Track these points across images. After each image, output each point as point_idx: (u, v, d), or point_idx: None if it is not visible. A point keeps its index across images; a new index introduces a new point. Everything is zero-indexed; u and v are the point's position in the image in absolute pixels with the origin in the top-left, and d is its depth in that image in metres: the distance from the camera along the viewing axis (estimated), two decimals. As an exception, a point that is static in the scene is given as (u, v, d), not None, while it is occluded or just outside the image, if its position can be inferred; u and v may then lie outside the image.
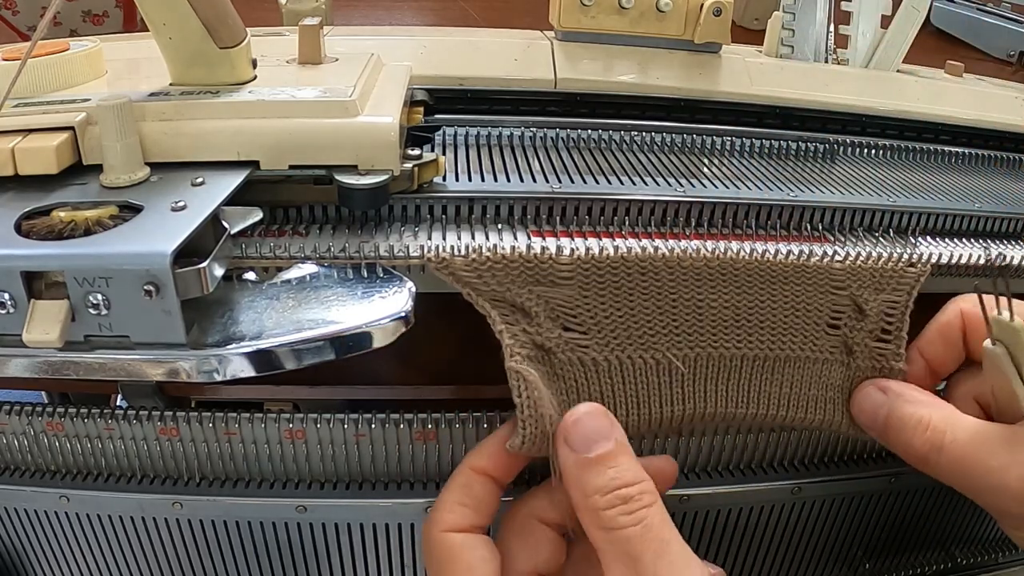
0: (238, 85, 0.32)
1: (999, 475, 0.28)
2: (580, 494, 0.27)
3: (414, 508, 0.33)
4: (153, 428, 0.32)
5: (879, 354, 0.33)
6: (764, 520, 0.37)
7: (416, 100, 0.38)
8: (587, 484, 0.27)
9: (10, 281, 0.24)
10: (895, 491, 0.38)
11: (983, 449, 0.29)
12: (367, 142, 0.30)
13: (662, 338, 0.31)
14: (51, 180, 0.27)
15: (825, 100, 0.45)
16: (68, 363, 0.25)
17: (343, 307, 0.28)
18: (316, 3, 0.57)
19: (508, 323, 0.29)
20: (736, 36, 0.45)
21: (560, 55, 0.43)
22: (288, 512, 0.33)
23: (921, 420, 0.30)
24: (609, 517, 0.26)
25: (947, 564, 0.43)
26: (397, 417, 0.32)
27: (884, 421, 0.31)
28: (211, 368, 0.25)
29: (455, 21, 0.86)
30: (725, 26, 0.43)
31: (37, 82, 0.31)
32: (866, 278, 0.32)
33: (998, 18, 0.90)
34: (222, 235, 0.27)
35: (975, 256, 0.35)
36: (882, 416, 0.32)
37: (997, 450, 0.29)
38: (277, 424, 0.32)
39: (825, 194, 0.37)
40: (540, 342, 0.29)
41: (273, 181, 0.31)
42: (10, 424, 0.32)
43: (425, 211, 0.33)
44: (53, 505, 0.33)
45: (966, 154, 0.46)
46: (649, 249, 0.30)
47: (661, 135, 0.42)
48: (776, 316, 0.32)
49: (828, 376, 0.33)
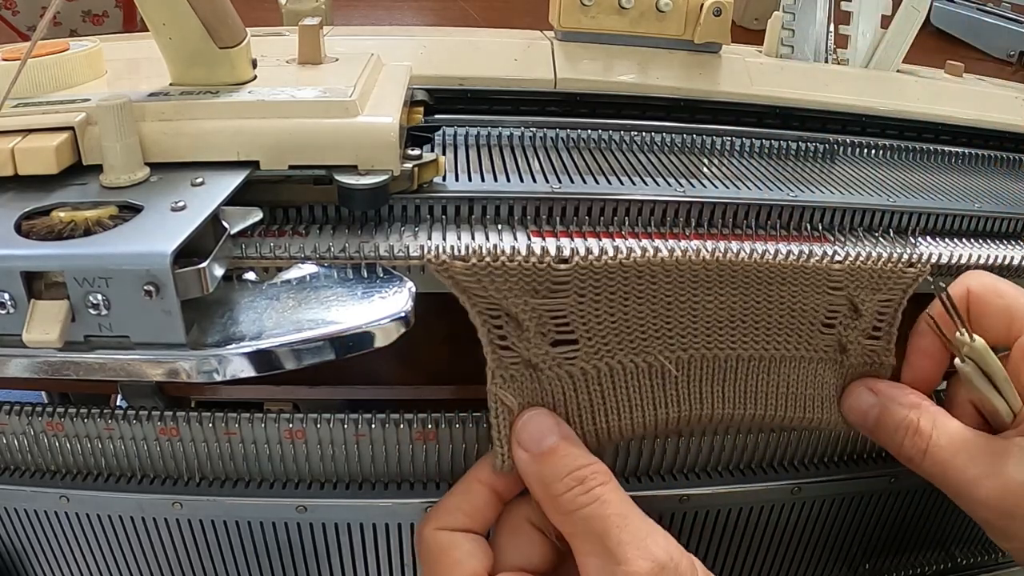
0: (238, 85, 0.32)
1: (973, 487, 0.29)
2: (540, 488, 0.28)
3: (414, 508, 0.33)
4: (153, 428, 0.32)
5: (870, 350, 0.33)
6: (764, 520, 0.37)
7: (416, 100, 0.38)
8: (543, 475, 0.28)
9: (10, 281, 0.24)
10: (895, 491, 0.38)
11: (960, 457, 0.29)
12: (367, 142, 0.30)
13: (655, 341, 0.31)
14: (51, 180, 0.27)
15: (825, 100, 0.45)
16: (68, 363, 0.25)
17: (343, 307, 0.28)
18: (316, 3, 0.57)
19: (497, 339, 0.29)
20: (736, 36, 0.45)
21: (560, 55, 0.43)
22: (288, 512, 0.33)
23: (909, 424, 0.30)
24: (568, 500, 0.27)
25: (947, 564, 0.43)
26: (397, 417, 0.32)
27: (874, 422, 0.32)
28: (211, 368, 0.25)
29: (455, 21, 0.86)
30: (725, 26, 0.43)
31: (37, 82, 0.31)
32: (864, 278, 0.32)
33: (998, 18, 0.90)
34: (222, 235, 0.27)
35: (975, 256, 0.35)
36: (872, 417, 0.32)
37: (975, 460, 0.29)
38: (277, 424, 0.32)
39: (825, 194, 0.37)
40: (528, 358, 0.30)
41: (273, 181, 0.31)
42: (10, 424, 0.32)
43: (425, 211, 0.33)
44: (53, 505, 0.33)
45: (966, 154, 0.46)
46: (648, 250, 0.30)
47: (661, 135, 0.42)
48: (771, 316, 0.32)
49: (823, 375, 0.33)
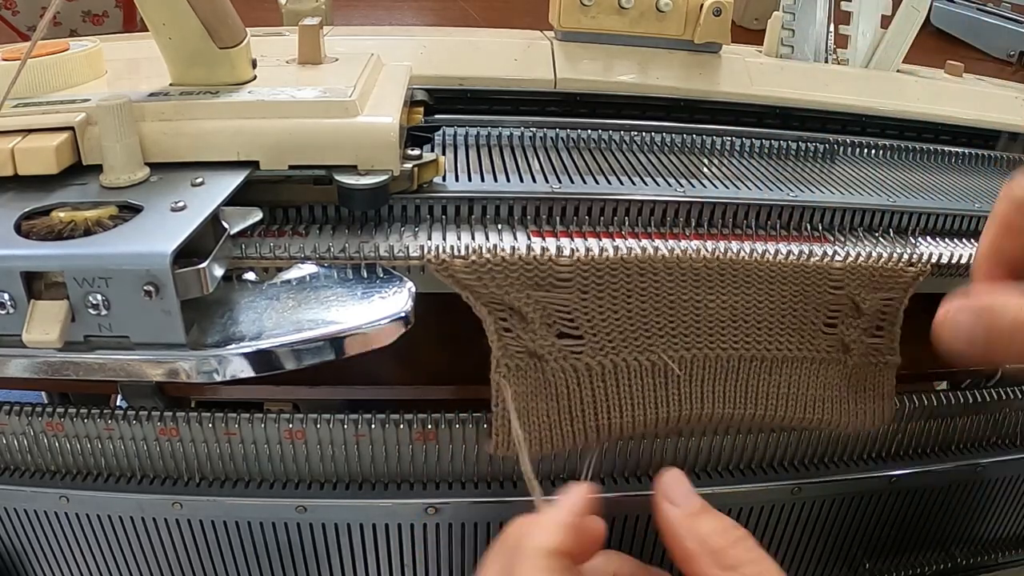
0: (238, 85, 0.32)
1: None
2: (696, 541, 0.28)
3: (414, 508, 0.33)
4: (153, 428, 0.32)
5: (874, 349, 0.33)
6: (764, 520, 0.37)
7: (416, 100, 0.38)
8: (700, 530, 0.28)
9: (10, 281, 0.24)
10: (895, 491, 0.38)
11: None
12: (367, 142, 0.30)
13: (658, 340, 0.31)
14: (51, 180, 0.27)
15: (825, 100, 0.45)
16: (68, 363, 0.25)
17: (343, 307, 0.28)
18: (316, 3, 0.57)
19: (503, 329, 0.29)
20: (736, 36, 0.45)
21: (560, 55, 0.43)
22: (288, 512, 0.33)
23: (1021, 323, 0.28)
24: (734, 555, 0.27)
25: (947, 564, 0.43)
26: (397, 417, 0.32)
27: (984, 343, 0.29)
28: (211, 368, 0.25)
29: (455, 21, 0.86)
30: (725, 26, 0.43)
31: (37, 82, 0.31)
32: (865, 278, 0.32)
33: (998, 18, 0.90)
34: (222, 235, 0.27)
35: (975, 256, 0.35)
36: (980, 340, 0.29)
37: None
38: (277, 424, 0.32)
39: (825, 194, 0.37)
40: (533, 349, 0.30)
41: (273, 181, 0.31)
42: (10, 424, 0.32)
43: (425, 211, 0.33)
44: (53, 505, 0.33)
45: (966, 154, 0.46)
46: (649, 250, 0.30)
47: (661, 135, 0.42)
48: (773, 317, 0.32)
49: (825, 375, 0.33)
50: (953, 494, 0.40)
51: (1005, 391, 0.39)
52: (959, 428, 0.39)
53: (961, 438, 0.39)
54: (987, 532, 0.43)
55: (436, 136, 0.39)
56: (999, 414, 0.39)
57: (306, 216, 0.32)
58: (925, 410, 0.37)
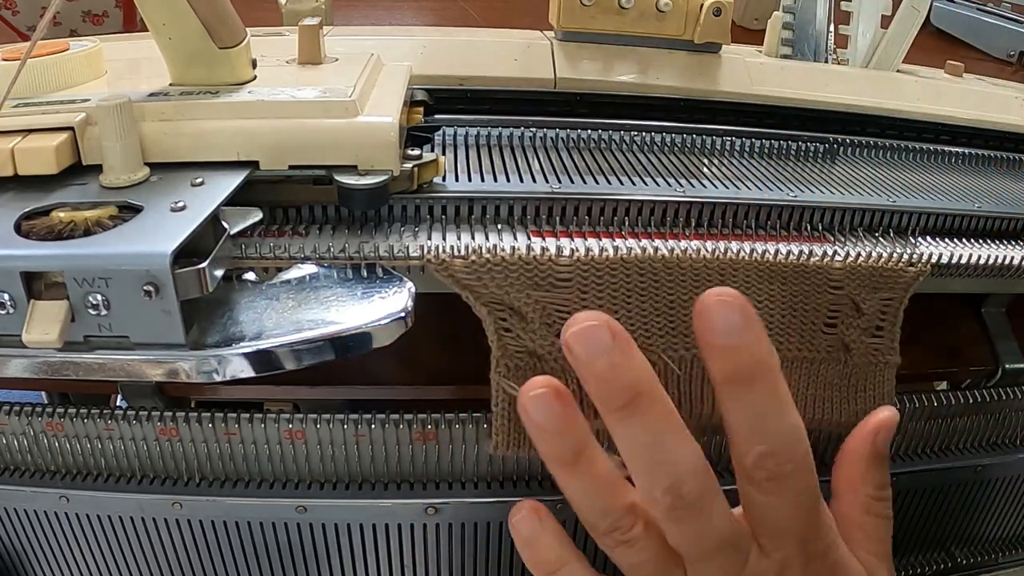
0: (238, 85, 0.32)
1: None
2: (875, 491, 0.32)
3: (414, 508, 0.33)
4: (153, 428, 0.32)
5: (874, 349, 0.33)
6: (764, 520, 0.37)
7: (416, 100, 0.38)
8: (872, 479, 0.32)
9: (10, 281, 0.24)
10: (895, 491, 0.38)
11: None
12: (367, 142, 0.30)
13: (658, 340, 0.31)
14: (51, 180, 0.27)
15: (825, 100, 0.45)
16: (68, 363, 0.25)
17: (343, 307, 0.28)
18: (316, 3, 0.56)
19: (503, 329, 0.29)
20: (736, 36, 0.45)
21: (560, 55, 0.43)
22: (288, 512, 0.33)
23: None
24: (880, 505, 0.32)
25: (947, 564, 0.43)
26: (397, 417, 0.32)
27: None
28: (211, 368, 0.25)
29: (455, 21, 0.86)
30: (725, 26, 0.43)
31: (37, 82, 0.31)
32: (865, 277, 0.32)
33: (998, 18, 0.90)
34: (222, 235, 0.27)
35: (975, 256, 0.35)
36: None
37: None
38: (277, 424, 0.32)
39: (825, 194, 0.37)
40: (533, 349, 0.29)
41: (273, 181, 0.31)
42: (10, 424, 0.32)
43: (425, 211, 0.33)
44: (53, 505, 0.33)
45: (966, 154, 0.46)
46: (649, 250, 0.30)
47: (661, 135, 0.42)
48: (773, 316, 0.32)
49: (825, 375, 0.33)
50: (953, 494, 0.40)
51: (1005, 391, 0.39)
52: (959, 428, 0.39)
53: (961, 438, 0.39)
54: (988, 532, 0.43)
55: (436, 136, 0.38)
56: (999, 414, 0.39)
57: (306, 216, 0.32)
58: (925, 410, 0.37)
